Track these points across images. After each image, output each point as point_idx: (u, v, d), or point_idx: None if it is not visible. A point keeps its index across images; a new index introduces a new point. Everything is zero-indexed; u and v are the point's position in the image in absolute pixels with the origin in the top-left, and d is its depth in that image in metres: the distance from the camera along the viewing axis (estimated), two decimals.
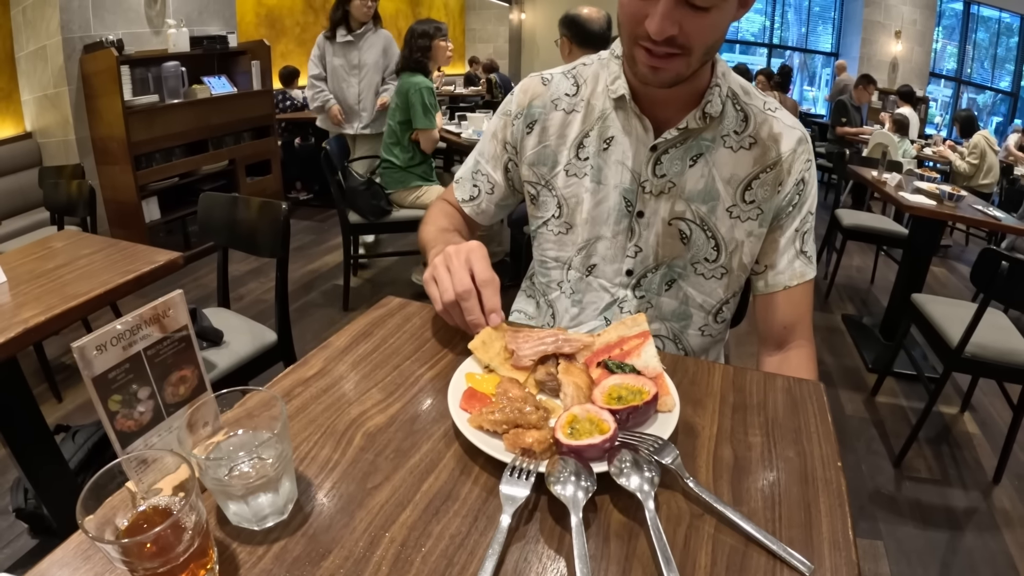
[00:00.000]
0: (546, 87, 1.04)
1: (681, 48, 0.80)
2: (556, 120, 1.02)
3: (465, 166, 1.15)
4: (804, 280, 1.00)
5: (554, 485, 0.55)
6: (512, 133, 1.06)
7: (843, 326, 3.56)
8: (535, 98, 1.04)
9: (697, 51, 0.81)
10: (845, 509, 0.58)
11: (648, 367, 0.72)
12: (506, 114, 1.07)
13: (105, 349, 0.52)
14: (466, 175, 1.14)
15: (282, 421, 0.52)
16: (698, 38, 0.79)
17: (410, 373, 0.78)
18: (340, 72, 3.83)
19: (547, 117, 1.02)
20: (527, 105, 1.04)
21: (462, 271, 0.80)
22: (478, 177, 1.12)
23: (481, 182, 1.12)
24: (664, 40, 0.78)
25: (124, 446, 0.55)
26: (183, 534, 0.45)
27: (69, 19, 3.66)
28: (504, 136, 1.07)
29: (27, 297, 1.36)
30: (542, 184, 1.05)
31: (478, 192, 1.12)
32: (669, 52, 0.80)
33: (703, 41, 0.80)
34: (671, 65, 0.82)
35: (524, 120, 1.04)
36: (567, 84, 1.02)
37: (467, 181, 1.14)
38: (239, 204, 1.94)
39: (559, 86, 1.03)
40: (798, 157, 0.96)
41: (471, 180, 1.13)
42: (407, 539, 0.52)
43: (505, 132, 1.07)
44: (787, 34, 11.29)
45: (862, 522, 2.03)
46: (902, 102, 6.54)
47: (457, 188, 1.15)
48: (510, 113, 1.06)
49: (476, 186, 1.12)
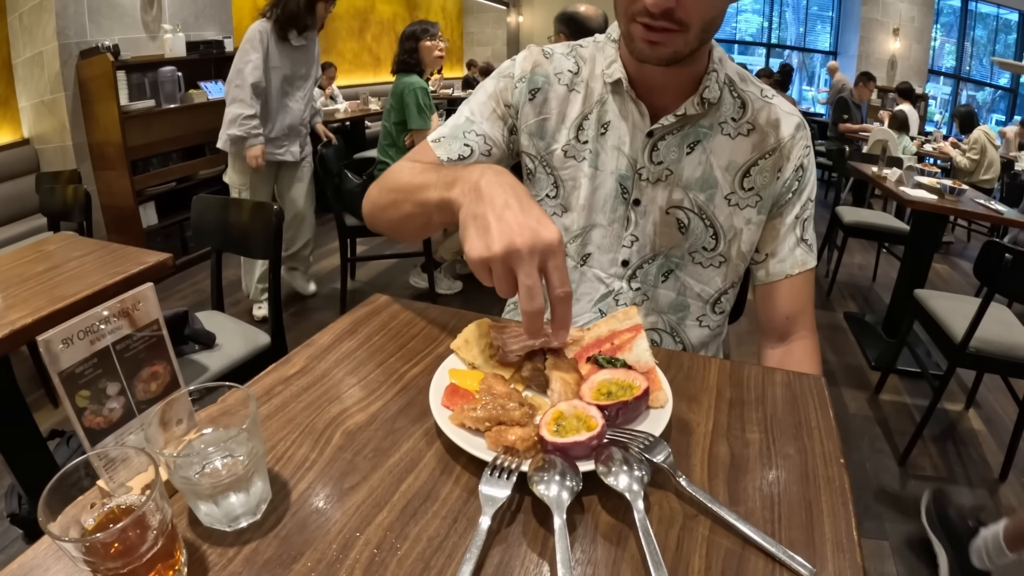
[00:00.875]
0: (548, 60, 0.99)
1: (679, 23, 0.77)
2: (558, 94, 0.98)
3: (449, 125, 1.00)
4: (806, 268, 0.98)
5: (537, 485, 0.52)
6: (515, 96, 0.99)
7: (845, 324, 3.53)
8: (537, 66, 0.99)
9: (695, 26, 0.78)
10: (849, 508, 0.55)
11: (640, 362, 0.70)
12: (508, 76, 1.00)
13: (71, 343, 0.50)
14: (453, 133, 0.98)
15: (251, 417, 0.50)
16: (696, 12, 0.77)
17: (393, 371, 0.75)
18: (283, 86, 3.01)
19: (549, 88, 0.98)
20: (530, 71, 0.98)
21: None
22: (470, 136, 0.98)
23: (475, 142, 0.98)
24: (662, 14, 0.76)
25: (93, 443, 0.53)
26: (147, 533, 0.43)
27: (65, 25, 3.65)
28: (506, 98, 0.99)
29: (16, 299, 1.34)
30: (538, 159, 1.01)
31: (470, 152, 0.97)
32: (666, 27, 0.78)
33: (701, 15, 0.77)
34: (669, 40, 0.79)
35: (527, 85, 0.98)
36: (569, 63, 0.99)
37: (454, 140, 0.98)
38: (232, 207, 1.93)
39: (561, 63, 0.99)
40: (797, 143, 0.95)
41: (460, 139, 0.98)
42: (383, 541, 0.50)
43: (506, 94, 0.99)
44: (785, 34, 11.28)
45: (867, 521, 2.00)
46: (901, 99, 6.53)
47: (438, 147, 0.98)
48: (512, 76, 0.99)
49: (468, 145, 0.97)
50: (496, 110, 1.00)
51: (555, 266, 0.61)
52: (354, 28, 7.90)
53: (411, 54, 3.15)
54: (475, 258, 0.62)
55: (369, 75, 8.20)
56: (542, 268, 0.61)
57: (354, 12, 7.85)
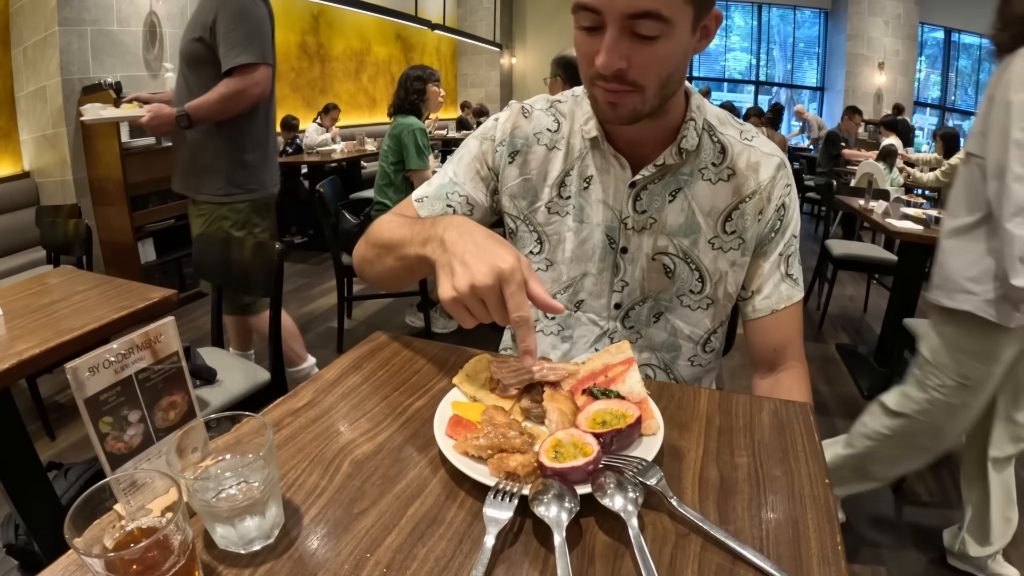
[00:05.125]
0: (528, 120, 1.03)
1: (632, 84, 0.80)
2: (538, 155, 1.02)
3: (431, 186, 1.05)
4: (792, 303, 1.00)
5: (538, 507, 0.55)
6: (495, 159, 1.03)
7: (837, 355, 3.56)
8: (516, 128, 1.02)
9: (651, 86, 0.81)
10: (834, 524, 0.58)
11: (633, 392, 0.73)
12: (490, 139, 1.04)
13: (97, 371, 0.54)
14: (435, 194, 1.04)
15: (268, 445, 0.53)
16: (649, 71, 0.79)
17: (398, 403, 0.79)
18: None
19: (529, 150, 1.02)
20: (510, 133, 1.02)
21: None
22: (453, 198, 1.03)
23: (457, 203, 1.03)
24: (614, 76, 0.79)
25: (114, 468, 0.56)
26: (169, 553, 0.46)
27: (69, 61, 3.74)
28: (488, 161, 1.04)
29: (22, 331, 1.37)
30: (521, 218, 1.04)
31: (452, 211, 1.03)
32: (620, 88, 0.81)
33: (655, 74, 0.80)
34: (626, 100, 0.82)
35: (507, 148, 1.02)
36: (548, 120, 1.02)
37: (437, 200, 1.03)
38: (233, 244, 1.97)
39: (540, 121, 1.02)
40: (777, 183, 0.97)
41: (443, 200, 1.03)
42: (392, 561, 0.52)
43: (488, 157, 1.04)
44: (773, 70, 11.57)
45: (863, 549, 2.01)
46: (888, 132, 6.69)
47: (421, 206, 1.04)
48: (494, 139, 1.03)
49: (450, 206, 1.03)
50: (479, 172, 1.04)
51: (510, 293, 0.66)
52: (350, 69, 8.06)
53: (420, 95, 3.22)
54: (446, 299, 0.69)
55: (365, 116, 8.34)
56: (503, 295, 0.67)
57: (351, 53, 8.02)
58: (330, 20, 7.48)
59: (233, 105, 2.17)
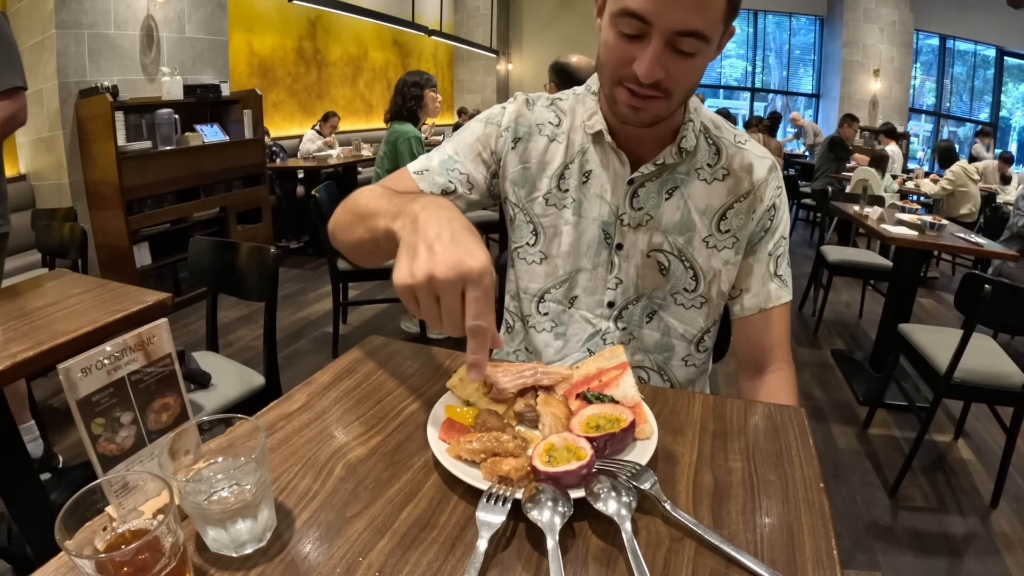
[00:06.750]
0: (530, 110, 1.04)
1: (664, 91, 0.83)
2: (539, 145, 1.03)
3: (431, 159, 1.03)
4: (780, 303, 1.02)
5: (531, 511, 0.55)
6: (499, 144, 1.03)
7: (833, 361, 3.57)
8: (520, 116, 1.03)
9: (678, 94, 0.85)
10: (829, 528, 0.58)
11: (627, 397, 0.73)
12: (495, 124, 1.04)
13: (90, 372, 0.53)
14: (435, 168, 1.01)
15: (261, 447, 0.53)
16: (681, 82, 0.83)
17: (391, 407, 0.78)
18: None
19: (531, 138, 1.03)
20: (514, 120, 1.03)
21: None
22: (453, 173, 1.01)
23: (458, 180, 1.01)
24: (650, 84, 0.81)
25: (106, 470, 0.55)
26: (159, 555, 0.46)
27: (66, 64, 3.74)
28: (491, 145, 1.03)
29: (16, 333, 1.36)
30: (519, 207, 1.05)
31: (453, 187, 1.00)
32: (652, 94, 0.83)
33: (685, 84, 0.84)
34: (652, 106, 0.85)
35: (511, 134, 1.03)
36: (549, 114, 1.04)
37: (438, 174, 1.00)
38: (228, 248, 1.96)
39: (542, 114, 1.04)
40: (768, 184, 1.00)
41: (443, 174, 1.00)
42: (384, 565, 0.52)
43: (491, 141, 1.03)
44: (769, 77, 11.60)
45: (859, 554, 2.01)
46: (887, 139, 6.73)
47: (420, 179, 1.00)
48: (499, 124, 1.03)
49: (452, 182, 1.00)
50: (481, 154, 1.04)
51: (473, 297, 0.60)
52: (347, 75, 8.07)
53: (417, 101, 3.22)
54: (398, 284, 0.62)
55: (362, 121, 8.34)
56: (464, 297, 0.61)
57: (347, 59, 8.03)
58: (327, 25, 7.48)
59: (8, 129, 2.03)
